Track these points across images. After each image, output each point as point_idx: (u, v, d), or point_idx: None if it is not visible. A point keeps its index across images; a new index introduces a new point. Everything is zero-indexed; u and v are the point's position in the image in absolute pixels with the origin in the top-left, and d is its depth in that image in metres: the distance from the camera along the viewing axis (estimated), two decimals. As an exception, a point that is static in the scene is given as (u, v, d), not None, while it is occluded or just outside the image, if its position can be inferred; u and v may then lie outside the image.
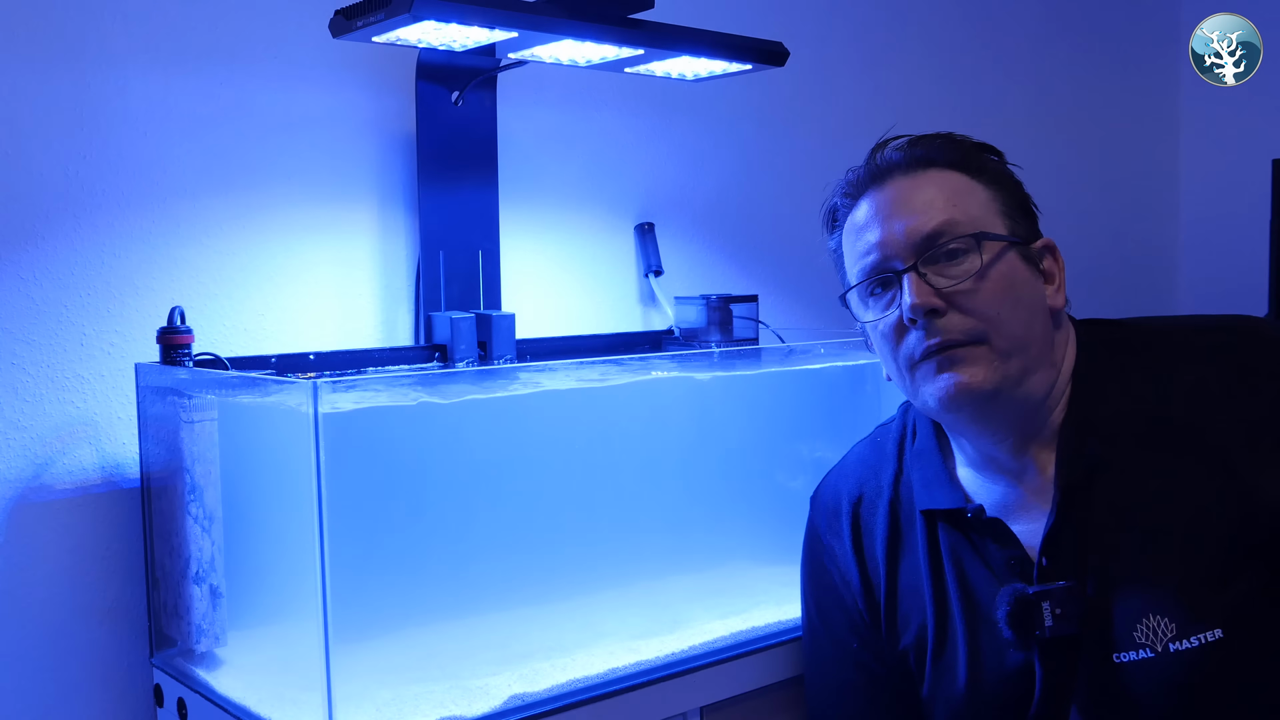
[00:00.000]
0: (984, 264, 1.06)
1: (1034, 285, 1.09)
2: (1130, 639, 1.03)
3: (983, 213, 1.09)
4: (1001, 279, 1.06)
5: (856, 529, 1.22)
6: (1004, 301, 1.06)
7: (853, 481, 1.24)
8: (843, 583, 1.23)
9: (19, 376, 1.34)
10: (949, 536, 1.14)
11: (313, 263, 1.55)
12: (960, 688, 1.12)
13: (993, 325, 1.05)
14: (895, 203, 1.10)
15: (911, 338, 1.08)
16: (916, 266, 1.07)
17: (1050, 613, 1.04)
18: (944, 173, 1.10)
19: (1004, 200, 1.11)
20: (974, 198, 1.09)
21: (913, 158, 1.11)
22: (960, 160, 1.11)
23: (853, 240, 1.13)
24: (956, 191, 1.09)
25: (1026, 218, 1.12)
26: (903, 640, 1.19)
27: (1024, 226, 1.11)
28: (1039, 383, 1.08)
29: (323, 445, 1.08)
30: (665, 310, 1.83)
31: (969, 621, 1.12)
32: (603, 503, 1.46)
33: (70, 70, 1.36)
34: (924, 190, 1.09)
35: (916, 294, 1.05)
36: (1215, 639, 1.00)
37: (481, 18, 1.26)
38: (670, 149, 1.91)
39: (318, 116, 1.54)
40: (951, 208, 1.08)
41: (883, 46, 2.23)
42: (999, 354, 1.05)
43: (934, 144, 1.12)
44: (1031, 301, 1.08)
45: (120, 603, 1.41)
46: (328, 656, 1.10)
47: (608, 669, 1.26)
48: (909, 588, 1.18)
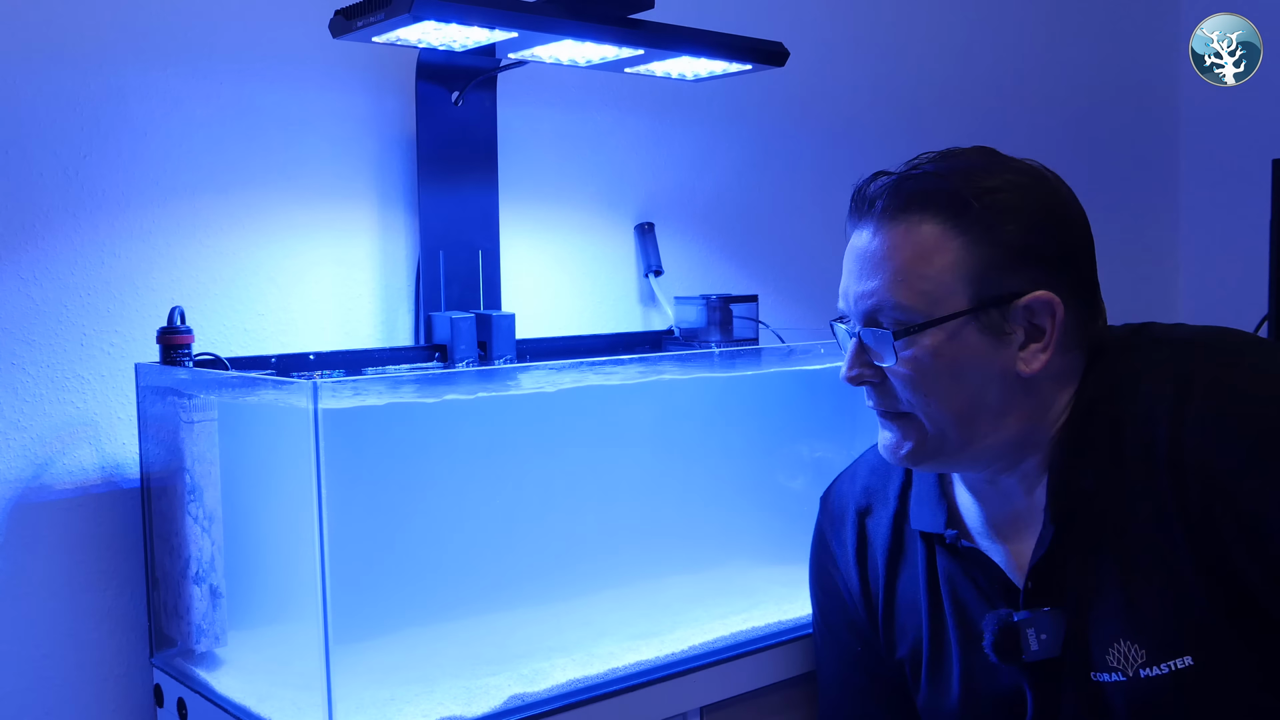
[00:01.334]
0: (900, 356, 1.02)
1: (989, 358, 1.02)
2: (1103, 661, 1.02)
3: (936, 285, 1.01)
4: (936, 361, 1.02)
5: (861, 538, 1.22)
6: (936, 385, 1.03)
7: (861, 489, 1.24)
8: (845, 589, 1.24)
9: (19, 376, 1.34)
10: (944, 557, 1.14)
11: (313, 263, 1.55)
12: (954, 703, 1.13)
13: (920, 409, 1.04)
14: (857, 258, 1.06)
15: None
16: (860, 334, 1.06)
17: (1035, 638, 1.04)
18: (916, 229, 1.02)
19: (980, 255, 1.01)
20: (934, 263, 1.01)
21: (892, 204, 1.04)
22: (943, 207, 1.02)
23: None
24: (918, 258, 1.02)
25: (1011, 270, 1.01)
26: (899, 651, 1.20)
27: (1001, 283, 1.01)
28: (995, 442, 1.05)
29: (323, 445, 1.08)
30: (665, 310, 1.83)
31: (963, 640, 1.12)
32: (603, 503, 1.46)
33: (70, 70, 1.36)
34: (884, 250, 1.03)
35: (848, 366, 1.07)
36: (1185, 666, 0.99)
37: (481, 18, 1.26)
38: (670, 149, 1.91)
39: (318, 116, 1.54)
40: (896, 286, 1.02)
41: (883, 46, 2.23)
42: (931, 429, 1.05)
43: (921, 184, 1.03)
44: (980, 377, 1.02)
45: (120, 603, 1.41)
46: (328, 656, 1.10)
47: (608, 669, 1.26)
48: (907, 602, 1.18)
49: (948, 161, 1.06)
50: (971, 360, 1.02)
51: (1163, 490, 0.99)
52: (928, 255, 1.02)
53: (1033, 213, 1.03)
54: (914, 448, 1.07)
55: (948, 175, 1.04)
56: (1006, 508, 1.10)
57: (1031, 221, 1.03)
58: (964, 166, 1.05)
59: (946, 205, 1.02)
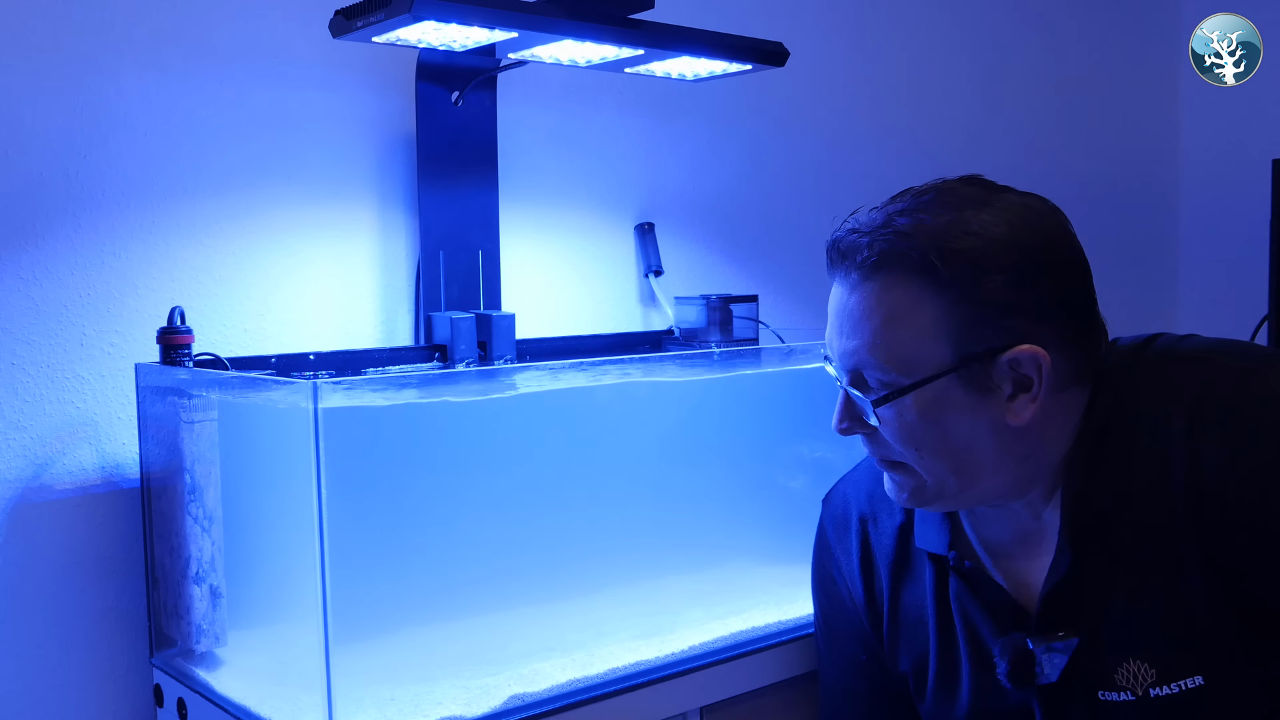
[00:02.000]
0: (882, 420, 1.02)
1: (976, 412, 1.00)
2: (1112, 681, 1.02)
3: (915, 346, 0.98)
4: (923, 420, 1.00)
5: (865, 547, 1.21)
6: (926, 441, 1.01)
7: (865, 494, 1.22)
8: (849, 596, 1.23)
9: (19, 376, 1.34)
10: (952, 573, 1.13)
11: (313, 263, 1.55)
12: (960, 717, 1.13)
13: (913, 461, 1.03)
14: (837, 313, 1.04)
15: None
16: (846, 389, 1.05)
17: (1050, 663, 1.03)
18: (891, 290, 0.99)
19: (959, 315, 0.98)
20: (912, 325, 0.98)
21: (866, 263, 1.00)
22: (915, 268, 0.98)
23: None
24: (894, 319, 0.99)
25: (992, 326, 0.98)
26: (901, 664, 1.19)
27: (984, 340, 0.98)
28: (997, 483, 1.04)
29: (323, 445, 1.08)
30: (665, 310, 1.83)
31: (973, 658, 1.11)
32: (603, 502, 1.46)
33: (70, 70, 1.36)
34: (860, 307, 1.01)
35: (838, 419, 1.06)
36: (1195, 686, 0.98)
37: (481, 18, 1.26)
38: (670, 149, 1.91)
39: (318, 116, 1.54)
40: (876, 349, 1.00)
41: (883, 47, 2.23)
42: (928, 479, 1.04)
43: (893, 245, 0.98)
44: (969, 431, 1.00)
45: (120, 603, 1.41)
46: (328, 656, 1.10)
47: (608, 669, 1.26)
48: (912, 616, 1.17)
49: (924, 213, 0.99)
50: (958, 417, 1.00)
51: (1177, 509, 0.98)
52: (904, 317, 0.99)
53: (1015, 265, 0.97)
54: (914, 493, 1.06)
55: (917, 234, 0.98)
56: (1014, 530, 1.09)
57: (1012, 275, 0.97)
58: (937, 224, 0.98)
59: (918, 267, 0.98)
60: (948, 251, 0.97)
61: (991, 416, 1.00)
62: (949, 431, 1.00)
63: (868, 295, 1.00)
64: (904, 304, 0.99)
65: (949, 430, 1.00)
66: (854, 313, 1.02)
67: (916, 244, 0.98)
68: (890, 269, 0.99)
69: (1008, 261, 0.97)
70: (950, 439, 1.01)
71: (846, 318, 1.03)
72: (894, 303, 0.99)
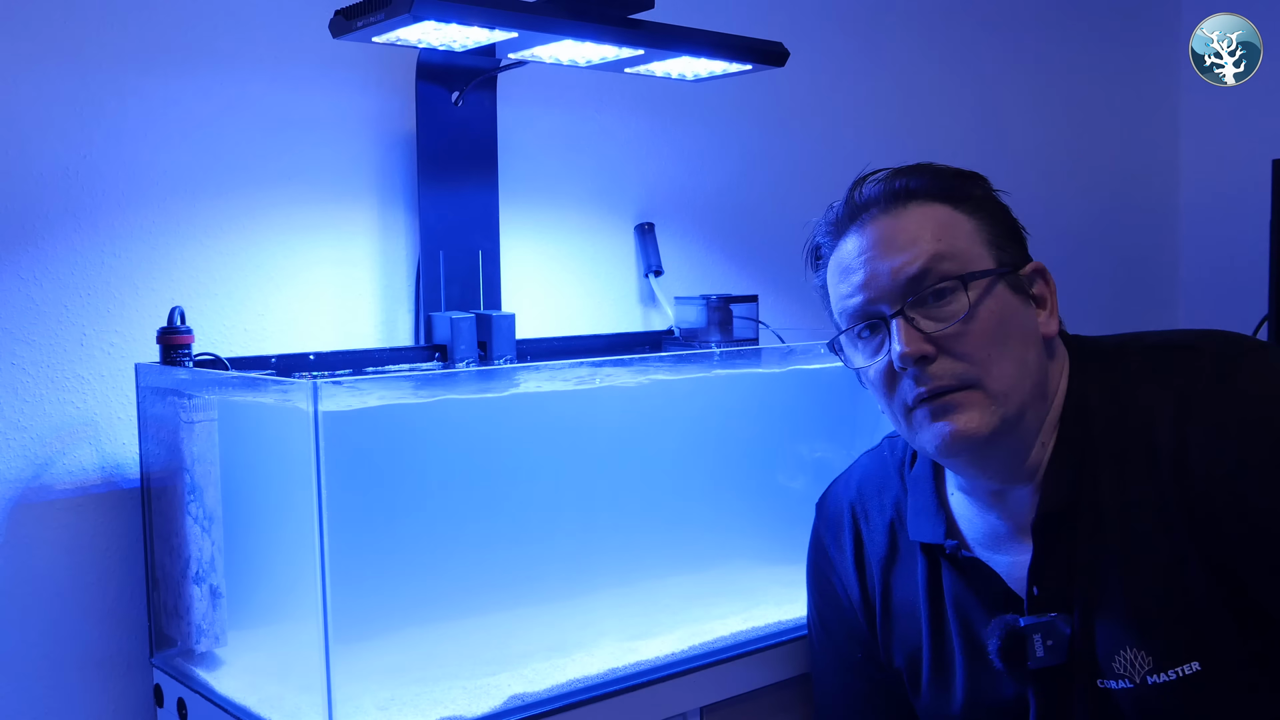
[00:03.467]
0: (972, 304, 1.02)
1: (1025, 316, 1.05)
2: (1110, 669, 1.02)
3: (968, 245, 1.05)
4: (991, 317, 1.03)
5: (859, 544, 1.22)
6: (995, 341, 1.02)
7: (857, 495, 1.24)
8: (844, 594, 1.24)
9: (19, 376, 1.34)
10: (945, 565, 1.13)
11: (313, 263, 1.55)
12: (957, 711, 1.13)
13: (984, 368, 1.02)
14: (879, 242, 1.06)
15: (904, 384, 1.04)
16: (904, 311, 1.03)
17: (1041, 644, 1.03)
18: (926, 206, 1.06)
19: (990, 229, 1.07)
20: (959, 230, 1.05)
21: (893, 191, 1.07)
22: (942, 191, 1.07)
23: (837, 282, 1.10)
24: (940, 225, 1.05)
25: (1014, 243, 1.08)
26: (896, 660, 1.19)
27: (1011, 253, 1.07)
28: (1034, 419, 1.05)
29: (323, 445, 1.08)
30: (665, 310, 1.83)
31: (967, 649, 1.11)
32: (603, 503, 1.46)
33: (70, 70, 1.36)
34: (907, 227, 1.05)
35: (905, 342, 1.02)
36: (1193, 672, 0.99)
37: (481, 18, 1.26)
38: (670, 149, 1.91)
39: (318, 116, 1.54)
40: (936, 243, 1.04)
41: (883, 47, 2.23)
42: (993, 397, 1.02)
43: (914, 176, 1.08)
44: (1024, 335, 1.04)
45: (120, 603, 1.41)
46: (328, 656, 1.10)
47: (608, 669, 1.26)
48: (904, 610, 1.18)
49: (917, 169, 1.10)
50: (1015, 320, 1.05)
51: (1167, 495, 0.99)
52: (950, 226, 1.06)
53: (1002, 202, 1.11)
54: (980, 421, 1.02)
55: (928, 175, 1.08)
56: (1012, 520, 1.09)
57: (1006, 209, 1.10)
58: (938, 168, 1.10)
59: (944, 192, 1.07)
60: (965, 179, 1.09)
61: (1034, 322, 1.06)
62: (1010, 332, 1.04)
63: (909, 217, 1.06)
64: (945, 218, 1.06)
65: (1009, 330, 1.04)
66: (904, 230, 1.06)
67: (940, 176, 1.08)
68: (924, 198, 1.07)
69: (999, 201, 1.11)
70: (1011, 340, 1.04)
71: (892, 241, 1.06)
72: (937, 217, 1.06)
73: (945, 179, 1.08)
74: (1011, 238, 1.08)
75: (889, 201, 1.07)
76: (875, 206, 1.07)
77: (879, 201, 1.07)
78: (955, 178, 1.09)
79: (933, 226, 1.05)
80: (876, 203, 1.07)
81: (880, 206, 1.07)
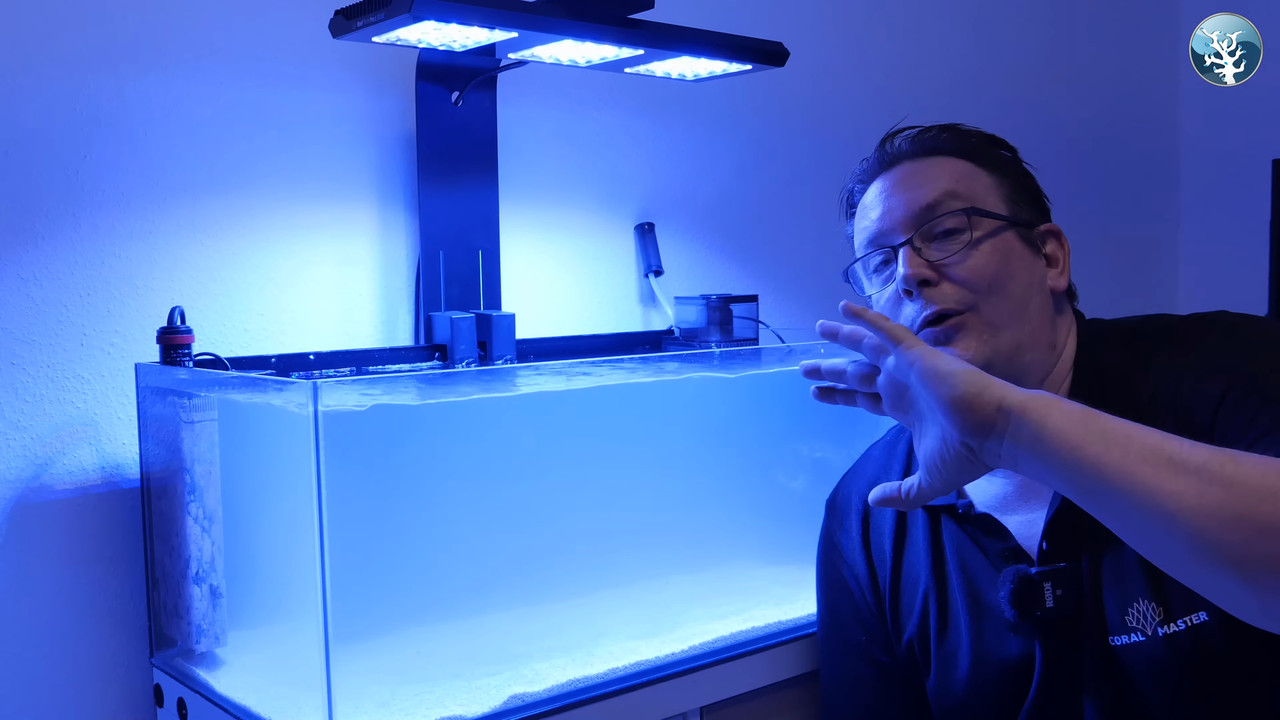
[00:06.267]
0: (975, 238, 1.09)
1: (1031, 264, 1.12)
2: (1122, 623, 1.04)
3: (984, 193, 1.13)
4: (994, 252, 1.10)
5: (865, 524, 1.24)
6: (994, 274, 1.09)
7: (865, 482, 1.26)
8: (852, 577, 1.25)
9: (19, 376, 1.34)
10: (951, 529, 1.16)
11: (313, 263, 1.55)
12: (964, 674, 1.14)
13: (982, 296, 1.08)
14: (899, 184, 1.15)
15: (909, 309, 1.11)
16: (912, 241, 1.11)
17: (1051, 593, 1.05)
18: (950, 159, 1.15)
19: (1009, 188, 1.15)
20: (977, 181, 1.14)
21: (921, 145, 1.16)
22: (968, 150, 1.16)
23: (860, 219, 1.18)
24: (960, 174, 1.14)
25: (1033, 205, 1.16)
26: (906, 632, 1.20)
27: (1028, 212, 1.15)
28: (1035, 362, 1.10)
29: (322, 445, 1.08)
30: (665, 310, 1.83)
31: (972, 610, 1.13)
32: (603, 503, 1.46)
33: (70, 70, 1.36)
34: (928, 171, 1.14)
35: (909, 264, 1.09)
36: (1201, 622, 1.00)
37: (481, 18, 1.26)
38: (670, 149, 1.91)
39: (318, 116, 1.54)
40: (953, 183, 1.12)
41: (883, 47, 2.23)
42: (988, 325, 1.08)
43: (943, 134, 1.17)
44: (1026, 278, 1.11)
45: (120, 603, 1.41)
46: (328, 656, 1.10)
47: (608, 669, 1.26)
48: (911, 578, 1.20)
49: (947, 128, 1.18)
50: (1020, 264, 1.11)
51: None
52: (967, 178, 1.14)
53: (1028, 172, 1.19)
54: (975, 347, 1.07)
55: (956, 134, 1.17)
56: (1017, 477, 1.11)
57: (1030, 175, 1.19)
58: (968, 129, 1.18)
59: (970, 150, 1.16)
60: (1000, 142, 1.19)
61: (1041, 274, 1.13)
62: (1013, 275, 1.10)
63: (930, 164, 1.15)
64: (964, 170, 1.14)
65: (1013, 273, 1.10)
66: (920, 174, 1.14)
67: (969, 136, 1.18)
68: (947, 152, 1.16)
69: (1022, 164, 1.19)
70: (1013, 283, 1.10)
71: (912, 179, 1.14)
72: (956, 168, 1.15)
73: (972, 139, 1.17)
74: (1031, 200, 1.16)
75: (914, 153, 1.16)
76: (904, 157, 1.16)
77: (906, 153, 1.17)
78: (982, 140, 1.18)
79: (952, 173, 1.14)
80: (904, 154, 1.17)
81: (907, 156, 1.16)
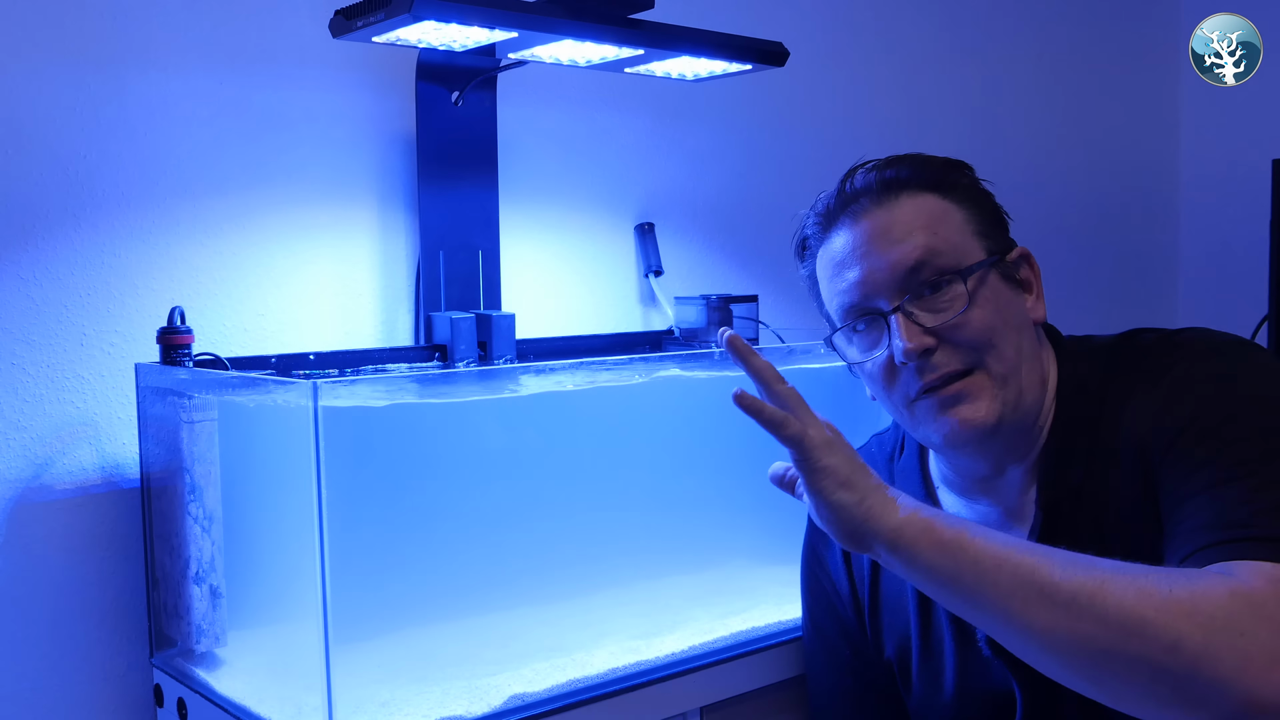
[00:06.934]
0: (969, 295, 1.03)
1: (1016, 302, 1.07)
2: None
3: (960, 237, 1.06)
4: (987, 304, 1.04)
5: None
6: (993, 327, 1.03)
7: None
8: (834, 592, 1.25)
9: (19, 376, 1.34)
10: None
11: (313, 263, 1.55)
12: (948, 699, 1.13)
13: (985, 353, 1.03)
14: (872, 236, 1.06)
15: (904, 375, 1.05)
16: (902, 307, 1.03)
17: None
18: (917, 196, 1.07)
19: (978, 218, 1.08)
20: (950, 221, 1.06)
21: (883, 181, 1.07)
22: (932, 181, 1.08)
23: (830, 276, 1.09)
24: (932, 217, 1.06)
25: (1000, 230, 1.09)
26: (886, 651, 1.20)
27: (999, 240, 1.08)
28: (1034, 403, 1.06)
29: (323, 445, 1.08)
30: (665, 310, 1.83)
31: (956, 635, 1.12)
32: (603, 503, 1.46)
33: (70, 70, 1.36)
34: (899, 220, 1.05)
35: (907, 337, 1.02)
36: None
37: (481, 18, 1.26)
38: (670, 149, 1.91)
39: (318, 116, 1.54)
40: (931, 235, 1.04)
41: (882, 47, 2.23)
42: (996, 380, 1.03)
43: (904, 166, 1.08)
44: (1017, 320, 1.06)
45: (120, 603, 1.41)
46: (328, 656, 1.10)
47: (608, 669, 1.26)
48: (892, 600, 1.19)
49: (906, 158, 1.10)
50: (1008, 306, 1.06)
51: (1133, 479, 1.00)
52: (941, 218, 1.06)
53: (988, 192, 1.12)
54: (986, 408, 1.03)
55: (917, 165, 1.09)
56: (1002, 504, 1.10)
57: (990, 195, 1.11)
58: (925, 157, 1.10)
59: (934, 181, 1.08)
60: (952, 168, 1.10)
61: (1023, 309, 1.08)
62: (1008, 321, 1.05)
63: (900, 209, 1.06)
64: (936, 209, 1.06)
65: (1008, 320, 1.05)
66: (898, 223, 1.05)
67: (929, 166, 1.09)
68: (914, 189, 1.07)
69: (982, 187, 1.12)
70: (1009, 326, 1.05)
71: (886, 234, 1.05)
72: (930, 209, 1.06)
73: (933, 168, 1.09)
74: (997, 224, 1.10)
75: (880, 193, 1.07)
76: (865, 197, 1.07)
77: (869, 192, 1.07)
78: (943, 167, 1.09)
79: (925, 219, 1.05)
80: (867, 193, 1.07)
81: (871, 198, 1.07)
